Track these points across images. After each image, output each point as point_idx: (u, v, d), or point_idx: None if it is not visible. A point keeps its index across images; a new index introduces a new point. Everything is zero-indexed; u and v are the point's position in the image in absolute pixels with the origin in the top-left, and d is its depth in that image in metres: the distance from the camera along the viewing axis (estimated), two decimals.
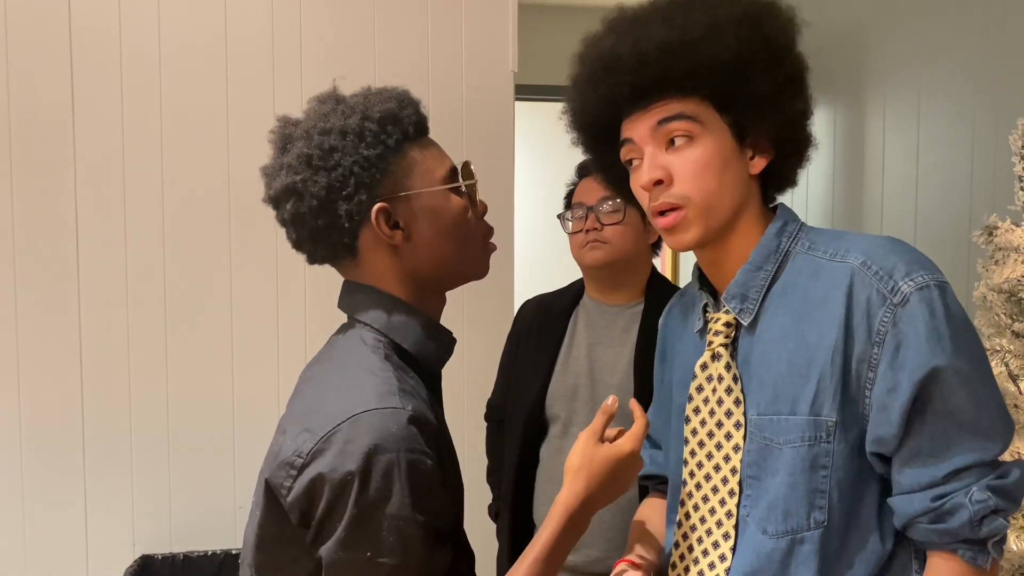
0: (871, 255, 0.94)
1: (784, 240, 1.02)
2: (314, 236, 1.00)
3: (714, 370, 1.03)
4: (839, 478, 0.94)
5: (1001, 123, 1.96)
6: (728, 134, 1.00)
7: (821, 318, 0.95)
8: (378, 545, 0.88)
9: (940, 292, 0.91)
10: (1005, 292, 1.67)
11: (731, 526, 1.01)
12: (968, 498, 0.89)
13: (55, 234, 2.23)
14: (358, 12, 2.34)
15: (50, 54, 2.22)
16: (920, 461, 0.91)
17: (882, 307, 0.91)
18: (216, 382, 2.30)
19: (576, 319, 1.74)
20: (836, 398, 0.93)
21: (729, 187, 1.00)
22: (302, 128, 1.00)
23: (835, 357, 0.93)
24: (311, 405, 0.96)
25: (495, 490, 1.87)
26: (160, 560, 2.20)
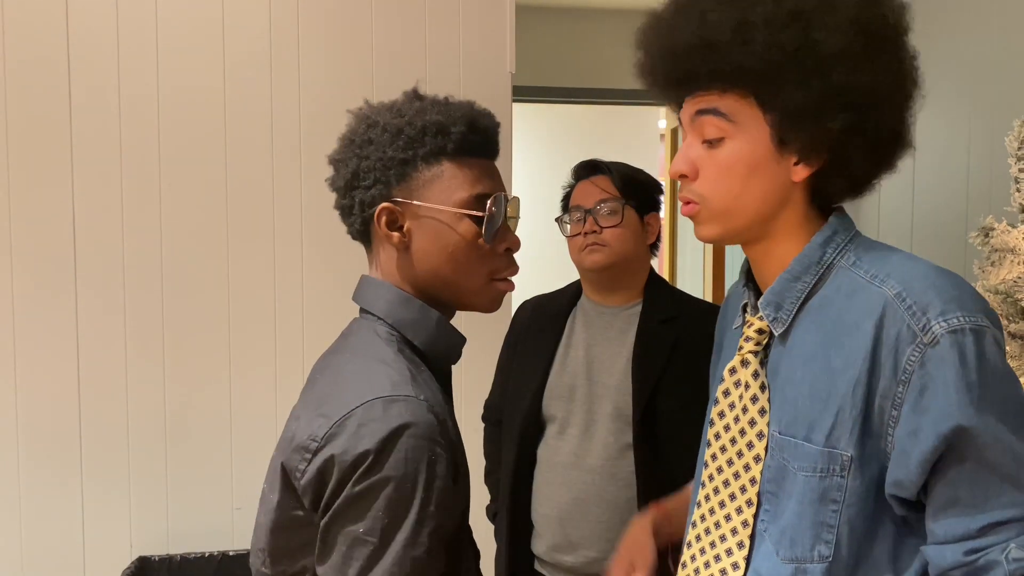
0: (909, 286, 0.88)
1: (829, 252, 0.95)
2: (342, 211, 1.07)
3: (742, 376, 1.00)
4: (851, 515, 0.90)
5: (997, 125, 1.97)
6: (767, 136, 0.92)
7: (849, 345, 0.89)
8: (375, 526, 0.89)
9: (976, 337, 0.84)
10: (1002, 293, 1.68)
11: (746, 536, 0.98)
12: (1005, 555, 0.83)
13: (52, 233, 2.23)
14: (355, 12, 2.34)
15: (48, 53, 2.22)
16: (956, 511, 0.85)
17: (911, 345, 0.85)
18: (213, 383, 2.30)
19: (574, 320, 1.74)
20: (855, 432, 0.89)
21: (755, 194, 0.94)
22: (365, 112, 1.07)
23: (857, 390, 0.88)
24: (326, 392, 0.98)
25: (493, 491, 1.87)
26: (157, 562, 2.20)
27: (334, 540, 0.91)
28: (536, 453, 1.70)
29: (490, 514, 1.87)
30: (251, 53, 2.30)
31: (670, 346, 1.61)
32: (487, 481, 1.89)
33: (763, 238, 0.97)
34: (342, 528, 0.90)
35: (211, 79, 2.28)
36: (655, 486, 1.56)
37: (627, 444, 1.60)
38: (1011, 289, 1.64)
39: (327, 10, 2.33)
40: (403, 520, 0.90)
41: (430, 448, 0.91)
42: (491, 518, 1.86)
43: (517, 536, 1.72)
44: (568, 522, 1.63)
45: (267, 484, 1.02)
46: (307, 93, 2.31)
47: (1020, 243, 1.62)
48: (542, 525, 1.68)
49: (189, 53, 2.27)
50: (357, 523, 0.90)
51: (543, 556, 1.69)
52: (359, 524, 0.90)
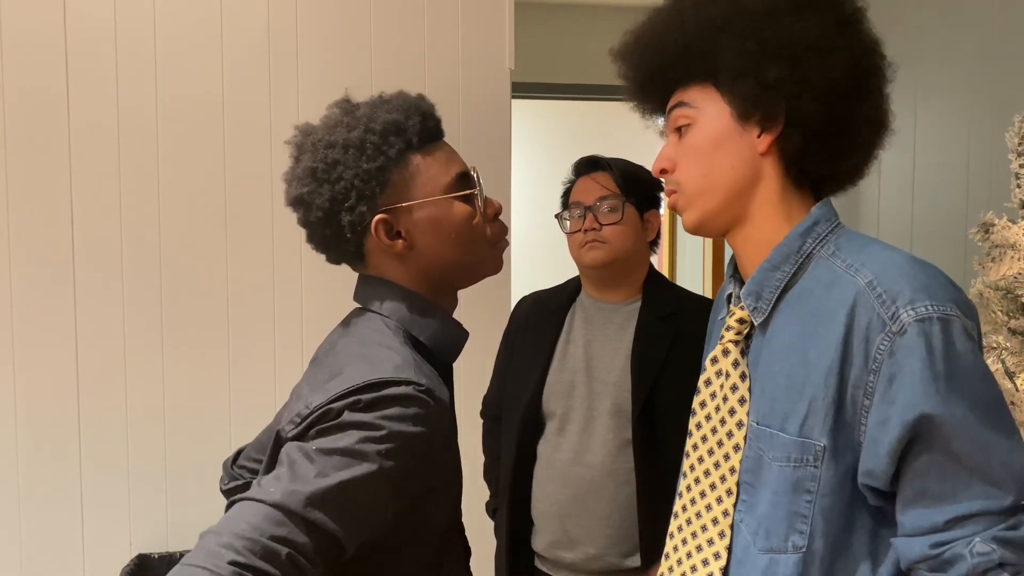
0: (881, 275, 0.88)
1: (809, 242, 0.96)
2: (324, 243, 1.05)
3: (722, 365, 1.01)
4: (825, 505, 0.90)
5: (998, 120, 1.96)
6: (727, 113, 0.97)
7: (823, 335, 0.90)
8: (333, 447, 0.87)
9: (943, 326, 0.84)
10: (1002, 289, 1.68)
11: (727, 525, 0.99)
12: (969, 549, 0.83)
13: (50, 230, 2.22)
14: (355, 9, 2.34)
15: (45, 52, 2.21)
16: (924, 503, 0.86)
17: (880, 333, 0.86)
18: (213, 379, 2.30)
19: (573, 316, 1.74)
20: (827, 422, 0.89)
21: (724, 169, 0.97)
22: (311, 140, 1.03)
23: (829, 379, 0.89)
24: (331, 370, 0.98)
25: (492, 487, 1.87)
26: (157, 559, 2.20)
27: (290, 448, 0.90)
28: (536, 449, 1.70)
29: (489, 510, 1.87)
30: (250, 48, 2.30)
31: (669, 342, 1.61)
32: (486, 477, 1.89)
33: (742, 221, 0.99)
34: (304, 443, 0.89)
35: (210, 75, 2.28)
36: (654, 482, 1.56)
37: (626, 440, 1.60)
38: (1011, 285, 1.64)
39: (326, 9, 2.33)
40: (364, 461, 0.87)
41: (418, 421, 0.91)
42: (491, 514, 1.86)
43: (517, 532, 1.72)
44: (568, 518, 1.63)
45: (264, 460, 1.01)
46: (306, 91, 2.31)
47: (1020, 239, 1.62)
48: (542, 521, 1.68)
49: (187, 52, 2.26)
50: (319, 442, 0.88)
51: (543, 552, 1.69)
52: (320, 443, 0.88)
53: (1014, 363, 1.64)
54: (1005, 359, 1.65)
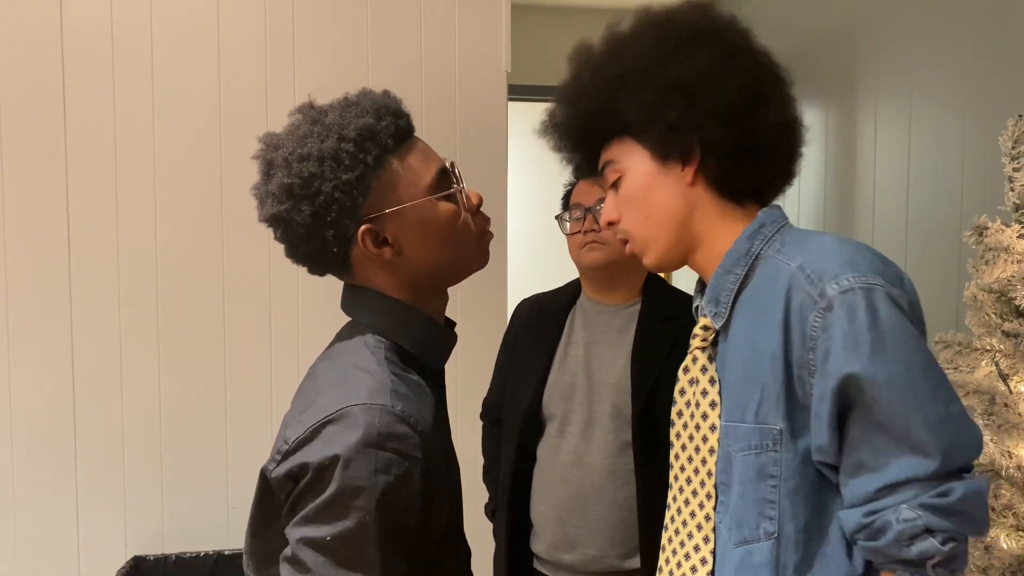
0: (809, 258, 0.93)
1: (756, 243, 1.01)
2: (308, 257, 1.02)
3: (693, 372, 1.05)
4: (790, 488, 0.92)
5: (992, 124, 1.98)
6: (648, 157, 1.05)
7: (768, 323, 0.94)
8: (339, 533, 0.89)
9: (866, 295, 0.87)
10: (995, 292, 1.68)
11: (710, 530, 1.01)
12: (896, 516, 0.85)
13: (46, 234, 2.22)
14: (351, 12, 2.34)
15: (42, 54, 2.21)
16: (860, 475, 0.88)
17: (812, 311, 0.90)
18: (208, 382, 2.30)
19: (573, 319, 1.74)
20: (780, 406, 0.92)
21: (659, 208, 1.04)
22: (282, 154, 0.99)
23: (775, 364, 0.92)
24: (308, 400, 0.98)
25: (491, 489, 1.87)
26: (152, 561, 2.19)
27: (299, 544, 0.91)
28: (535, 452, 1.70)
29: (489, 512, 1.87)
30: (247, 51, 2.30)
31: (669, 345, 1.62)
32: (485, 479, 1.89)
33: (695, 246, 1.06)
34: (308, 532, 0.90)
35: (207, 77, 2.28)
36: (654, 484, 1.56)
37: (626, 442, 1.61)
38: (1005, 288, 1.65)
39: (323, 12, 2.33)
40: (368, 531, 0.89)
41: (400, 461, 0.91)
42: (490, 516, 1.86)
43: (516, 534, 1.72)
44: (568, 520, 1.63)
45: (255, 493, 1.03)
46: (303, 94, 2.30)
47: (1014, 242, 1.62)
48: (541, 523, 1.68)
49: (184, 56, 2.26)
50: (325, 529, 0.89)
51: (542, 554, 1.69)
52: (327, 530, 0.89)
53: (1008, 365, 1.64)
54: (999, 361, 1.66)
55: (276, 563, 0.97)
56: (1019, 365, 1.63)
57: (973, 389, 1.67)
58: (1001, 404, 1.64)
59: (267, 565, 1.01)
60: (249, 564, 1.04)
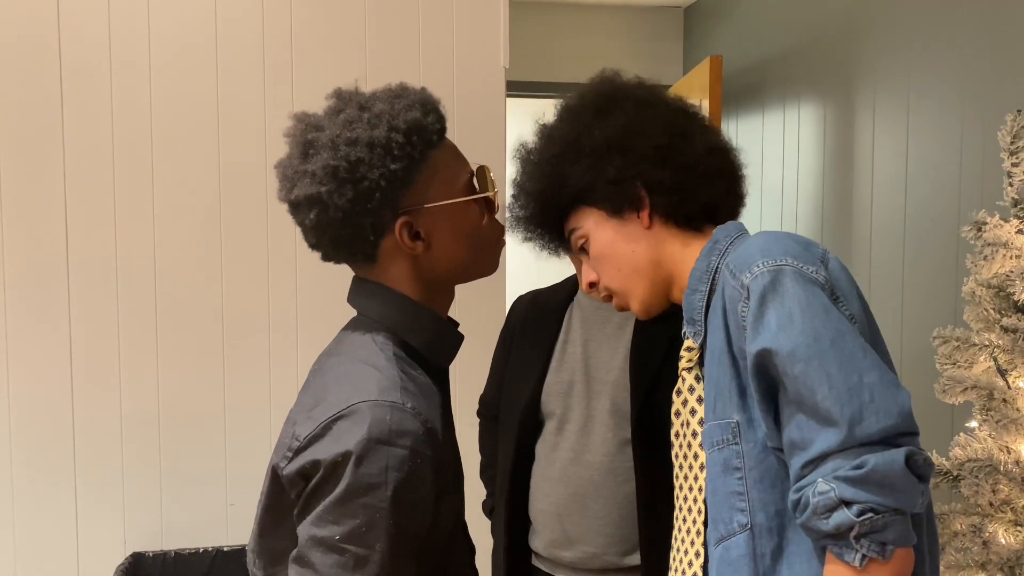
0: (736, 254, 0.98)
1: (714, 258, 1.06)
2: (335, 243, 1.01)
3: (684, 395, 1.10)
4: (755, 477, 0.95)
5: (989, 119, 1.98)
6: (603, 217, 1.14)
7: (716, 325, 0.99)
8: (349, 531, 0.89)
9: (773, 276, 0.91)
10: (994, 287, 1.68)
11: (701, 544, 1.04)
12: (812, 490, 0.86)
13: (44, 233, 2.22)
14: (349, 7, 2.34)
15: (39, 53, 2.20)
16: (792, 454, 0.90)
17: (739, 302, 0.94)
18: (207, 379, 2.29)
19: (571, 315, 1.74)
20: (733, 398, 0.96)
21: (628, 257, 1.12)
22: (327, 135, 0.97)
23: (723, 358, 0.97)
24: (317, 396, 0.98)
25: (489, 486, 1.87)
26: (151, 558, 2.20)
27: (309, 543, 0.90)
28: (534, 449, 1.70)
29: (486, 510, 1.87)
30: (244, 47, 2.29)
31: (668, 342, 1.61)
32: (483, 477, 1.89)
33: (671, 282, 1.13)
34: (319, 532, 0.90)
35: (204, 74, 2.27)
36: (654, 481, 1.56)
37: (625, 439, 1.61)
38: (1003, 283, 1.65)
39: (320, 7, 2.33)
40: (379, 529, 0.89)
41: (411, 458, 0.90)
42: (487, 514, 1.86)
43: (515, 532, 1.72)
44: (567, 518, 1.63)
45: (263, 488, 1.03)
46: (300, 90, 2.31)
47: (1012, 237, 1.62)
48: (540, 521, 1.68)
49: (182, 53, 2.26)
50: (334, 528, 0.89)
51: (541, 552, 1.69)
52: (336, 529, 0.89)
53: (1006, 361, 1.64)
54: (997, 356, 1.66)
55: (285, 562, 0.96)
56: (1017, 360, 1.63)
57: (971, 384, 1.67)
58: (999, 399, 1.64)
59: (276, 564, 1.00)
60: (256, 563, 1.03)
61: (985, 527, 1.64)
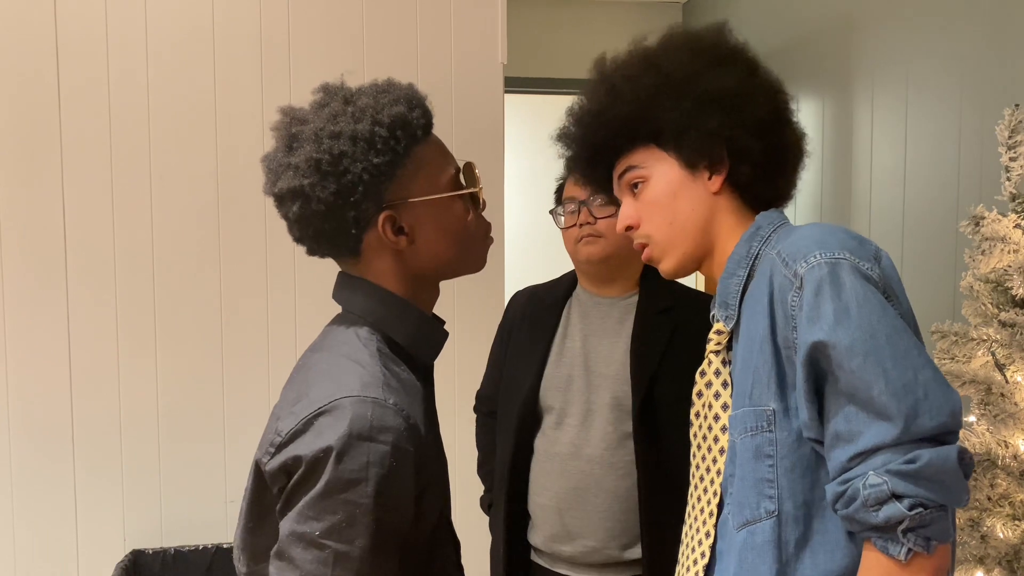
0: (787, 243, 0.98)
1: (755, 244, 1.06)
2: (319, 237, 1.01)
3: (708, 376, 1.09)
4: (787, 466, 0.95)
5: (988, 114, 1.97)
6: (676, 165, 1.09)
7: (758, 311, 0.99)
8: (329, 527, 0.89)
9: (831, 268, 0.91)
10: (992, 282, 1.69)
11: (712, 525, 1.05)
12: (863, 482, 0.87)
13: (42, 232, 2.21)
14: (346, 3, 2.33)
15: (37, 52, 2.20)
16: (836, 447, 0.90)
17: (789, 292, 0.94)
18: (206, 376, 2.30)
19: (569, 310, 1.74)
20: (772, 386, 0.96)
21: (684, 214, 1.09)
22: (311, 129, 0.98)
23: (764, 346, 0.97)
24: (300, 391, 0.98)
25: (486, 482, 1.87)
26: (151, 555, 2.20)
27: (290, 539, 0.90)
28: (532, 444, 1.70)
29: (484, 505, 1.87)
30: (241, 42, 2.29)
31: (667, 336, 1.62)
32: (480, 472, 1.89)
33: (710, 252, 1.10)
34: (299, 527, 0.90)
35: (201, 75, 2.27)
36: (654, 475, 1.57)
37: (626, 433, 1.61)
38: (1001, 278, 1.65)
39: (317, 3, 2.32)
40: (360, 525, 0.89)
41: (393, 454, 0.91)
42: (485, 509, 1.86)
43: (513, 527, 1.72)
44: (566, 512, 1.63)
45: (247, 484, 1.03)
46: (298, 87, 2.30)
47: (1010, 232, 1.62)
48: (539, 516, 1.68)
49: (179, 52, 2.25)
50: (315, 524, 0.89)
51: (540, 546, 1.69)
52: (316, 525, 0.89)
53: (1004, 355, 1.65)
54: (995, 351, 1.66)
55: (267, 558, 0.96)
56: (1015, 355, 1.64)
57: (969, 379, 1.67)
58: (997, 394, 1.64)
59: (260, 560, 1.00)
60: (240, 558, 1.03)
61: (983, 521, 1.64)
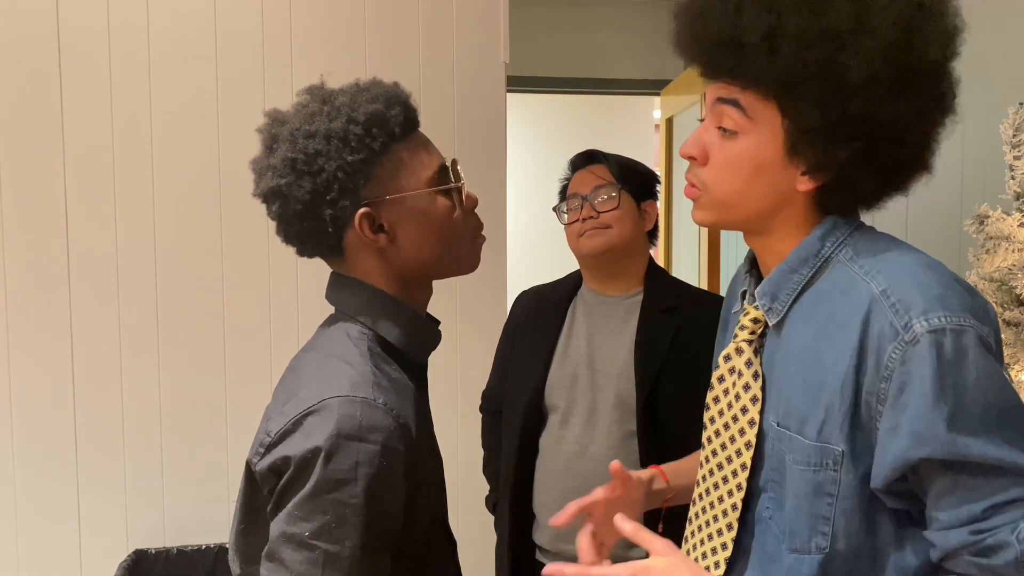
0: (894, 283, 0.88)
1: (828, 245, 0.95)
2: (301, 236, 1.02)
3: (736, 363, 1.01)
4: (846, 508, 0.91)
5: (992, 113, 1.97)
6: (780, 141, 0.92)
7: (839, 341, 0.90)
8: (318, 527, 0.89)
9: (955, 337, 0.83)
10: (996, 281, 1.68)
11: (735, 518, 1.00)
12: (1015, 535, 0.82)
13: (44, 232, 2.21)
14: (349, 2, 2.33)
15: (38, 51, 2.20)
16: (956, 496, 0.85)
17: (893, 342, 0.85)
18: (208, 375, 2.30)
19: (574, 310, 1.74)
20: (844, 428, 0.90)
21: (756, 194, 0.94)
22: (288, 129, 0.99)
23: (846, 385, 0.89)
24: (290, 392, 0.98)
25: (492, 482, 1.87)
26: (154, 554, 2.20)
27: (280, 540, 0.90)
28: (537, 443, 1.70)
29: (489, 505, 1.87)
30: (243, 42, 2.29)
31: (672, 335, 1.62)
32: (485, 472, 1.89)
33: (761, 233, 0.99)
34: (289, 528, 0.90)
35: (203, 74, 2.27)
36: None
37: (631, 432, 1.61)
38: (1005, 277, 1.65)
39: (319, 3, 2.32)
40: (350, 525, 0.89)
41: (382, 453, 0.90)
42: (491, 509, 1.86)
43: (518, 526, 1.72)
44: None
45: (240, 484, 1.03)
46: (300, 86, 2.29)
47: (1015, 231, 1.62)
48: (544, 514, 1.68)
49: (181, 52, 2.25)
50: (304, 525, 0.89)
51: (545, 545, 1.69)
52: (306, 526, 0.89)
53: (1008, 355, 1.64)
54: None
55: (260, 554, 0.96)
56: (1020, 354, 1.63)
57: None
58: None
59: (252, 562, 1.00)
60: (235, 559, 1.04)
61: None
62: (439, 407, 2.50)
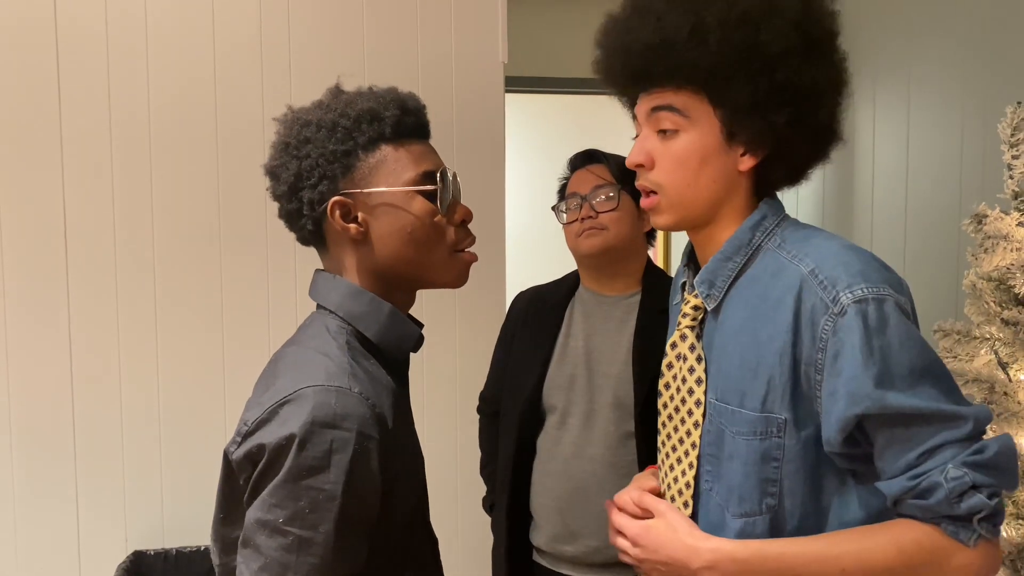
0: (821, 263, 0.97)
1: (758, 235, 1.05)
2: (289, 218, 1.08)
3: (681, 349, 1.10)
4: (790, 470, 0.99)
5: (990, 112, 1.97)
6: (717, 130, 1.02)
7: (773, 319, 0.99)
8: (292, 514, 0.90)
9: (877, 305, 0.93)
10: (994, 280, 1.68)
11: (690, 495, 1.08)
12: (944, 476, 0.91)
13: (43, 230, 2.21)
14: (347, 2, 2.33)
15: (36, 51, 2.20)
16: (895, 448, 0.94)
17: (824, 315, 0.95)
18: (207, 376, 2.29)
19: (572, 310, 1.74)
20: (786, 397, 0.98)
21: (706, 182, 1.03)
22: (292, 115, 1.07)
23: (783, 359, 0.98)
24: (268, 383, 1.00)
25: (489, 483, 1.87)
26: (153, 556, 2.20)
27: (255, 527, 0.91)
28: (535, 444, 1.70)
29: (486, 506, 1.87)
30: (241, 43, 2.29)
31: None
32: (483, 473, 1.89)
33: (709, 223, 1.07)
34: (263, 515, 0.91)
35: (201, 74, 2.27)
36: None
37: (628, 433, 1.61)
38: (1004, 276, 1.65)
39: (318, 3, 2.32)
40: (323, 511, 0.90)
41: (357, 440, 0.91)
42: (488, 510, 1.86)
43: (516, 527, 1.72)
44: (568, 512, 1.63)
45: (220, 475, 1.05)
46: (298, 87, 2.30)
47: (1013, 230, 1.62)
48: (542, 516, 1.68)
49: (179, 51, 2.25)
50: (278, 511, 0.90)
51: (543, 547, 1.69)
52: (280, 512, 0.90)
53: (1007, 353, 1.64)
54: (998, 350, 1.66)
55: None
56: (1018, 353, 1.63)
57: (972, 378, 1.67)
58: (1000, 392, 1.64)
59: (230, 551, 1.02)
60: (215, 549, 1.05)
61: None
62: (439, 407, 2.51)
